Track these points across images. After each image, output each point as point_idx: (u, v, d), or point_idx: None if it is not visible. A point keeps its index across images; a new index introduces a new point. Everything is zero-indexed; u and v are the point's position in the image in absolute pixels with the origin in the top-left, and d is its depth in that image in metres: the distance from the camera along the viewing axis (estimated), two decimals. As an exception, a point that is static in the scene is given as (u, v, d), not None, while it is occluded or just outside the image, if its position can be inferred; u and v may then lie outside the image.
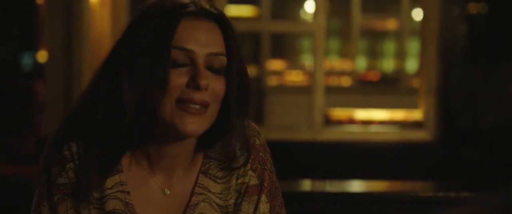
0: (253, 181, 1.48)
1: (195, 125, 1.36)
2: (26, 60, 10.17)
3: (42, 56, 8.33)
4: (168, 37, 1.34)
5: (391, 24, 10.70)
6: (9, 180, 2.52)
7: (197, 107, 1.35)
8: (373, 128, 5.11)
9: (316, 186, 2.62)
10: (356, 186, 2.70)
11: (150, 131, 1.37)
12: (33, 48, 9.46)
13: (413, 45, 10.00)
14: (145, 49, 1.34)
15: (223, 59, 1.39)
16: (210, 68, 1.37)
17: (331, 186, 2.55)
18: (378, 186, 2.62)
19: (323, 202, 2.33)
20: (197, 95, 1.34)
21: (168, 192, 1.44)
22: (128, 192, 1.40)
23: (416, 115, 5.05)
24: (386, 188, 2.58)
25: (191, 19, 1.37)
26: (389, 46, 11.26)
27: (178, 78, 1.34)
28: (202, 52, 1.35)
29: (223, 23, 1.40)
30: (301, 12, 10.81)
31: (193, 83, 1.34)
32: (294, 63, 10.48)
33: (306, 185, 2.63)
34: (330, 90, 5.24)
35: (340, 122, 5.61)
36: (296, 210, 2.19)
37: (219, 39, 1.39)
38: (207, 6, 1.39)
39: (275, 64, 9.82)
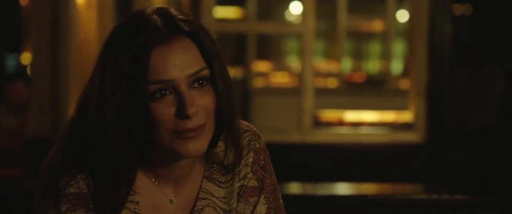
0: (252, 183, 1.47)
1: (197, 145, 1.33)
2: (9, 62, 10.11)
3: (26, 58, 8.28)
4: (142, 74, 1.29)
5: (376, 25, 10.73)
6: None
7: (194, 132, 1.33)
8: (363, 130, 5.11)
9: (306, 188, 2.60)
10: (347, 188, 2.69)
11: (148, 154, 1.36)
12: (16, 50, 9.40)
13: (399, 47, 10.04)
14: (123, 85, 1.30)
15: (205, 71, 1.34)
16: (195, 84, 1.33)
17: (321, 189, 2.53)
18: (370, 189, 2.60)
19: (313, 205, 2.32)
20: (191, 123, 1.31)
21: (175, 200, 1.42)
22: (137, 202, 1.39)
23: (406, 116, 5.05)
24: (379, 190, 2.57)
25: (162, 44, 1.31)
26: (375, 47, 11.30)
27: (166, 110, 1.31)
28: (181, 76, 1.31)
29: (195, 35, 1.35)
30: (286, 14, 10.82)
31: (182, 114, 1.30)
32: (279, 64, 10.49)
33: (296, 187, 2.61)
34: (317, 92, 5.24)
35: (329, 124, 5.61)
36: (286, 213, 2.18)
37: (195, 54, 1.34)
38: (177, 22, 1.34)
39: (261, 66, 9.81)
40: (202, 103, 1.33)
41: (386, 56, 9.28)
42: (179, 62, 1.31)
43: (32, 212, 1.39)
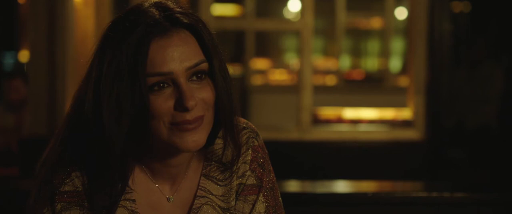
0: (251, 181, 1.46)
1: (196, 138, 1.32)
2: (7, 60, 10.10)
3: (23, 55, 8.27)
4: (141, 67, 1.27)
5: (375, 23, 10.72)
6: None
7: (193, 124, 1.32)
8: (362, 127, 5.09)
9: (305, 186, 2.59)
10: (347, 186, 2.67)
11: (145, 149, 1.34)
12: (14, 48, 9.39)
13: (397, 44, 10.03)
14: (121, 78, 1.28)
15: (204, 65, 1.34)
16: (193, 77, 1.33)
17: (320, 187, 2.52)
18: (370, 186, 2.59)
19: (312, 203, 2.30)
20: (189, 116, 1.31)
21: (172, 199, 1.41)
22: (134, 200, 1.38)
23: (405, 114, 5.04)
24: (378, 188, 2.55)
25: (161, 37, 1.30)
26: (373, 45, 11.29)
27: (164, 103, 1.30)
28: (180, 69, 1.30)
29: (194, 28, 1.34)
30: (284, 11, 10.81)
31: (181, 106, 1.30)
32: (278, 62, 10.47)
33: (295, 185, 2.60)
34: (316, 89, 5.23)
35: (328, 121, 5.60)
36: (285, 212, 2.16)
37: (194, 46, 1.33)
38: (175, 14, 1.33)
39: (259, 63, 9.80)
40: (201, 97, 1.32)
41: (384, 53, 9.27)
42: (178, 55, 1.30)
43: (26, 211, 1.37)
